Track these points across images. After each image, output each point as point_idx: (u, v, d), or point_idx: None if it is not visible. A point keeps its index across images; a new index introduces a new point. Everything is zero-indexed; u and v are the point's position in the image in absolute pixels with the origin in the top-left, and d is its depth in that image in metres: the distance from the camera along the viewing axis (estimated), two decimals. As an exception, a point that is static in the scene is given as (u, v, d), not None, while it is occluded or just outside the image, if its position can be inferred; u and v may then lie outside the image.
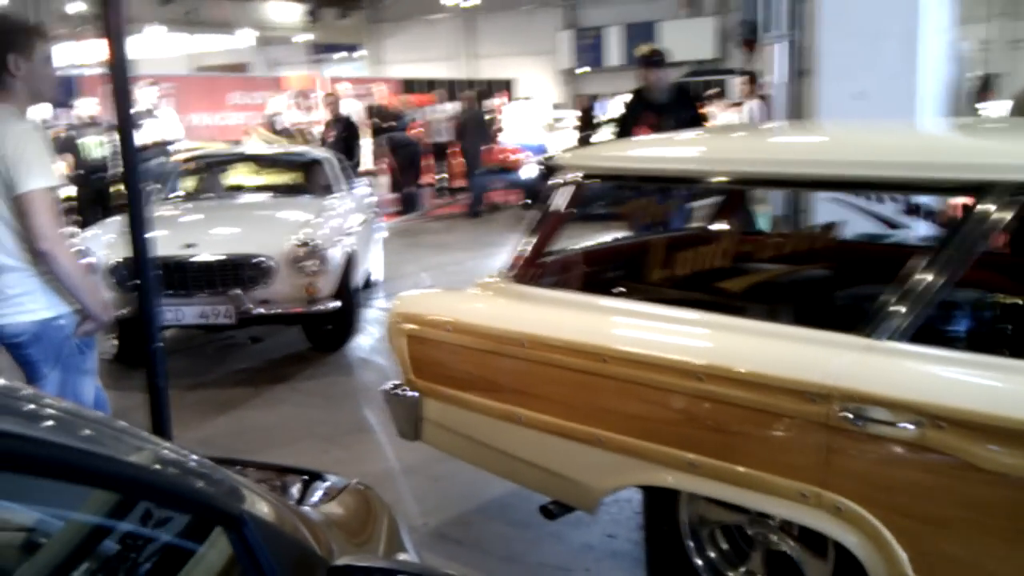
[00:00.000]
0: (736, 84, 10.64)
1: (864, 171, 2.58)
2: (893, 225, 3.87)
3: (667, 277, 3.35)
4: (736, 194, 4.20)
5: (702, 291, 3.20)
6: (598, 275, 3.62)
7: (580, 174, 3.20)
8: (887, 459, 2.22)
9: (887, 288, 2.37)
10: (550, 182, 3.31)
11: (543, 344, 2.86)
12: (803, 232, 3.53)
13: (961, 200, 3.24)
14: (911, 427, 2.14)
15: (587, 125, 15.88)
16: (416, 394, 3.31)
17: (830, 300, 3.18)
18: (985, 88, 14.44)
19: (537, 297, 3.10)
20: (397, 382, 3.39)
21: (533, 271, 3.21)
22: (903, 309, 2.29)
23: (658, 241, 3.45)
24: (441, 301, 3.41)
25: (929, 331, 2.38)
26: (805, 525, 2.43)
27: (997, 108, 13.33)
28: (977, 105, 13.60)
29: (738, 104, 11.07)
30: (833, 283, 3.36)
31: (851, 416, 2.21)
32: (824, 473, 2.29)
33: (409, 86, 23.56)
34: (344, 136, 10.50)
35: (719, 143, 3.43)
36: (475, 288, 3.30)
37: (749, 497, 2.49)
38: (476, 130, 14.59)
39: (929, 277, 2.27)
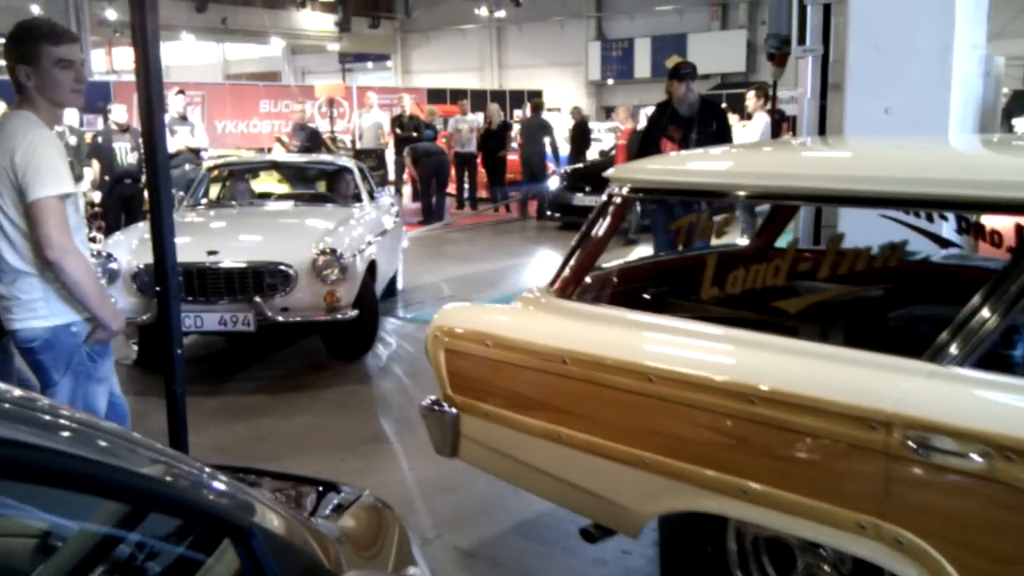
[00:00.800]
0: (749, 97, 10.40)
1: (959, 190, 2.40)
2: (945, 244, 3.75)
3: (718, 295, 3.21)
4: (785, 211, 4.09)
5: (756, 311, 3.08)
6: (643, 292, 3.51)
7: (628, 188, 3.10)
8: (952, 491, 2.13)
9: (952, 311, 2.29)
10: (603, 196, 3.19)
11: (587, 362, 2.76)
12: (862, 251, 3.36)
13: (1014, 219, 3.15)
14: (979, 458, 2.05)
15: (581, 136, 15.68)
16: (454, 410, 3.21)
17: (890, 322, 3.07)
18: (1019, 105, 14.26)
19: (580, 313, 3.00)
20: (434, 397, 3.28)
21: (576, 286, 3.11)
22: (970, 334, 2.20)
23: (708, 258, 3.30)
24: (481, 315, 3.30)
25: (996, 357, 2.30)
26: (861, 557, 2.33)
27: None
28: (1013, 121, 13.45)
29: (748, 117, 10.90)
30: (893, 305, 3.24)
31: (915, 445, 2.12)
32: (884, 504, 2.20)
33: (438, 96, 23.65)
34: (307, 146, 10.65)
35: (778, 157, 3.31)
36: (516, 302, 3.23)
37: (803, 526, 2.38)
38: (538, 137, 14.73)
39: (998, 301, 2.20)
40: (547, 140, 14.63)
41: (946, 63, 5.14)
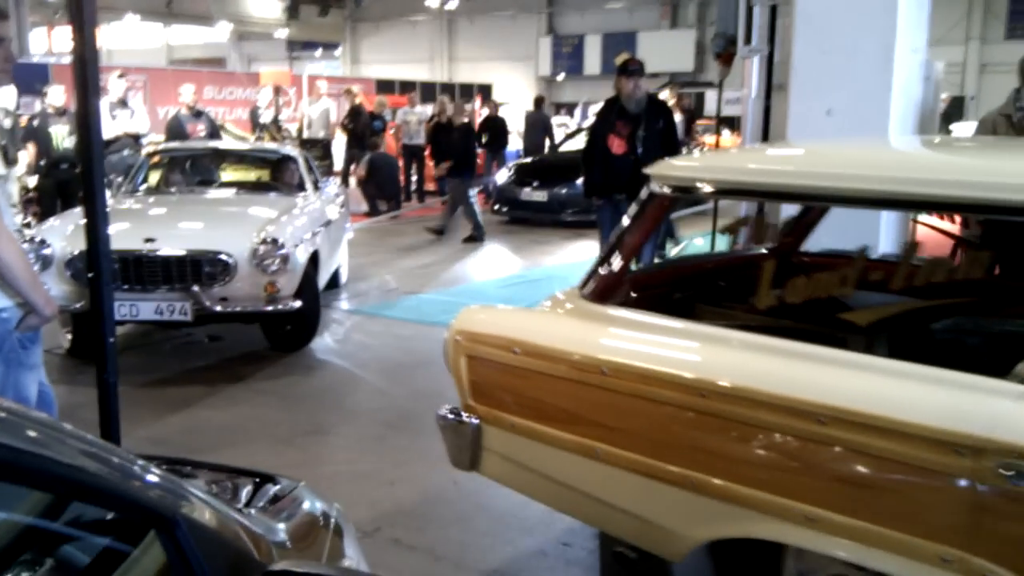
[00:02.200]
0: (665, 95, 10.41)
1: None
2: (963, 245, 3.64)
3: (776, 304, 2.94)
4: (817, 212, 3.80)
5: (820, 322, 2.86)
6: (686, 296, 3.30)
7: (670, 187, 2.89)
8: None
9: None
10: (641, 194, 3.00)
11: (629, 373, 2.55)
12: (940, 261, 3.15)
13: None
14: None
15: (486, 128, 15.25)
16: (476, 421, 3.00)
17: (974, 338, 2.87)
18: (957, 110, 14.64)
19: (619, 319, 2.78)
20: (452, 406, 3.09)
21: (612, 289, 2.89)
22: None
23: (765, 263, 3.04)
24: (508, 319, 3.07)
25: None
26: None
27: (963, 130, 13.52)
28: (951, 126, 13.80)
29: None
30: (976, 319, 3.03)
31: (1008, 473, 1.95)
32: (972, 536, 2.02)
33: (387, 87, 23.47)
34: (211, 133, 10.52)
35: (842, 155, 2.99)
36: (545, 305, 3.04)
37: (875, 557, 2.18)
38: (539, 130, 14.85)
39: None
40: (545, 135, 14.91)
41: (888, 66, 5.22)
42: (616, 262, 2.92)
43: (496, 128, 15.00)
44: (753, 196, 3.53)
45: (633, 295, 3.17)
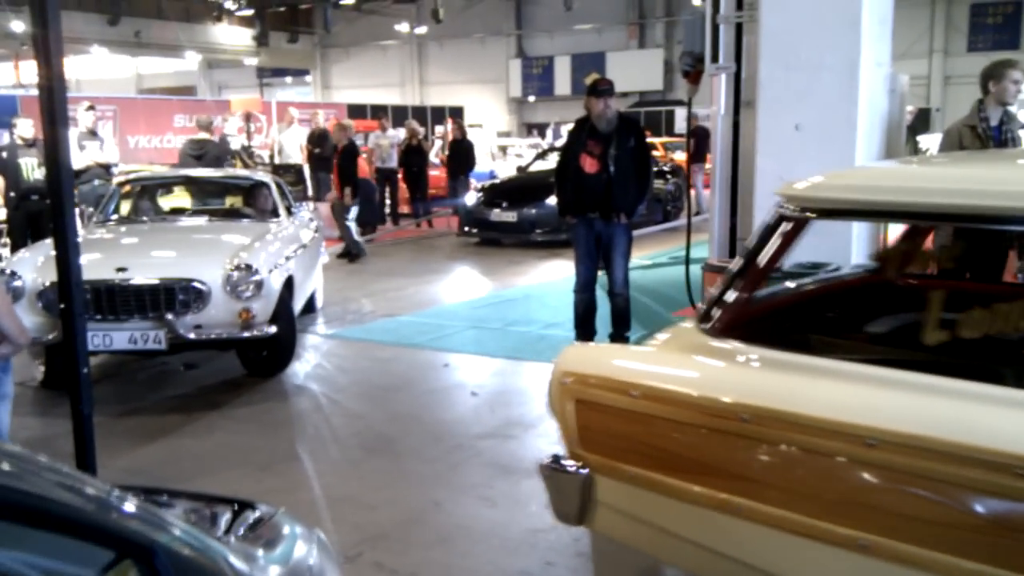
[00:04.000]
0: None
1: None
2: None
3: (949, 340, 2.56)
4: (924, 233, 3.51)
5: (1009, 362, 2.53)
6: (827, 331, 2.99)
7: (806, 208, 2.58)
8: None
9: None
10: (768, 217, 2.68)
11: (779, 421, 2.27)
12: None
13: None
14: None
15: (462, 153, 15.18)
16: (586, 471, 2.72)
17: None
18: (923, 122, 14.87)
19: (753, 357, 2.48)
20: (555, 454, 2.83)
21: (737, 322, 2.61)
22: None
23: (933, 292, 2.68)
24: (620, 359, 2.81)
25: None
26: None
27: (929, 142, 13.72)
28: (918, 138, 14.00)
29: None
30: None
31: None
32: None
33: (359, 111, 23.52)
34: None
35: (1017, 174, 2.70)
36: (657, 341, 2.80)
37: None
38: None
39: None
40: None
41: (853, 81, 5.30)
42: (742, 293, 2.62)
43: (462, 151, 14.98)
44: (914, 219, 3.03)
45: (798, 329, 2.93)
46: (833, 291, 3.31)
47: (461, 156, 14.87)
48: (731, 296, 2.62)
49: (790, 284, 3.28)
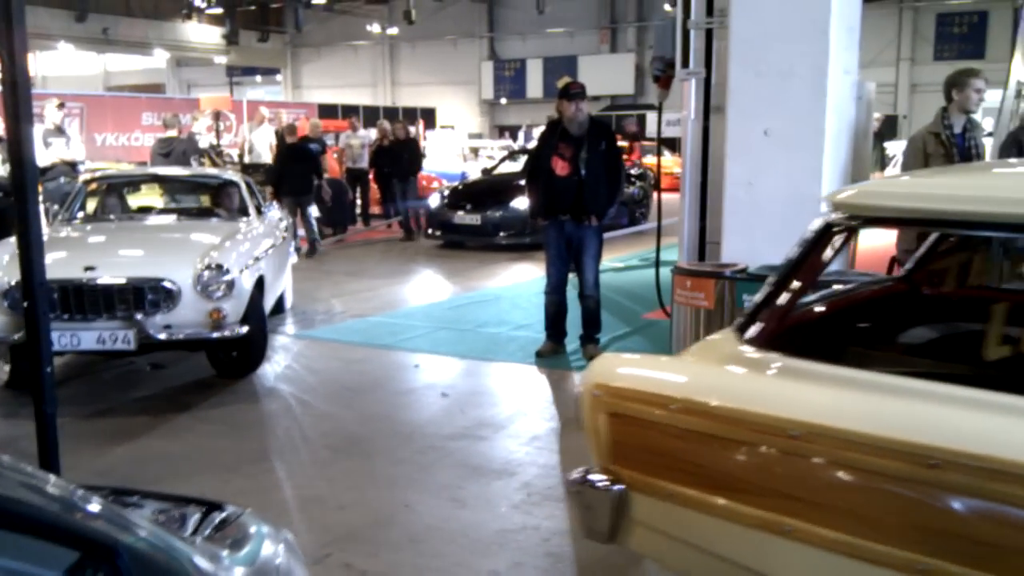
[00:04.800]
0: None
1: None
2: None
3: (1013, 356, 2.48)
4: (949, 243, 3.39)
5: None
6: (861, 342, 2.90)
7: (855, 216, 2.49)
8: None
9: None
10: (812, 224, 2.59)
11: (833, 438, 2.16)
12: None
13: None
14: None
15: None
16: (620, 487, 2.60)
17: None
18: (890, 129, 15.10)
19: (799, 371, 2.37)
20: (584, 468, 2.71)
21: (778, 333, 2.51)
22: None
23: (995, 307, 2.60)
24: (656, 371, 2.69)
25: None
26: None
27: (896, 148, 13.91)
28: (885, 144, 14.19)
29: None
30: None
31: None
32: None
33: (330, 111, 23.42)
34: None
35: None
36: (695, 352, 2.71)
37: None
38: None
39: None
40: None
41: (821, 87, 5.37)
42: (785, 303, 2.52)
43: (408, 152, 14.03)
44: (965, 228, 2.83)
45: (843, 340, 2.84)
46: (863, 301, 3.23)
47: (407, 158, 13.89)
48: (774, 306, 2.52)
49: (817, 294, 3.17)
